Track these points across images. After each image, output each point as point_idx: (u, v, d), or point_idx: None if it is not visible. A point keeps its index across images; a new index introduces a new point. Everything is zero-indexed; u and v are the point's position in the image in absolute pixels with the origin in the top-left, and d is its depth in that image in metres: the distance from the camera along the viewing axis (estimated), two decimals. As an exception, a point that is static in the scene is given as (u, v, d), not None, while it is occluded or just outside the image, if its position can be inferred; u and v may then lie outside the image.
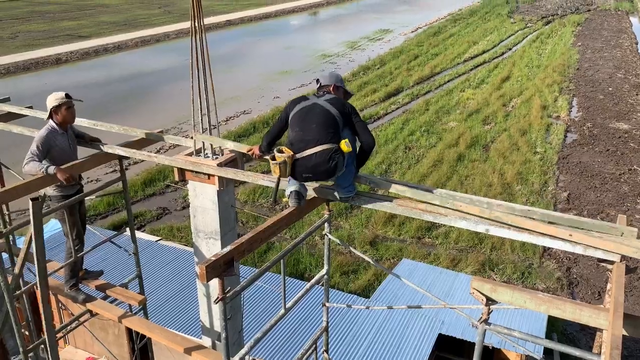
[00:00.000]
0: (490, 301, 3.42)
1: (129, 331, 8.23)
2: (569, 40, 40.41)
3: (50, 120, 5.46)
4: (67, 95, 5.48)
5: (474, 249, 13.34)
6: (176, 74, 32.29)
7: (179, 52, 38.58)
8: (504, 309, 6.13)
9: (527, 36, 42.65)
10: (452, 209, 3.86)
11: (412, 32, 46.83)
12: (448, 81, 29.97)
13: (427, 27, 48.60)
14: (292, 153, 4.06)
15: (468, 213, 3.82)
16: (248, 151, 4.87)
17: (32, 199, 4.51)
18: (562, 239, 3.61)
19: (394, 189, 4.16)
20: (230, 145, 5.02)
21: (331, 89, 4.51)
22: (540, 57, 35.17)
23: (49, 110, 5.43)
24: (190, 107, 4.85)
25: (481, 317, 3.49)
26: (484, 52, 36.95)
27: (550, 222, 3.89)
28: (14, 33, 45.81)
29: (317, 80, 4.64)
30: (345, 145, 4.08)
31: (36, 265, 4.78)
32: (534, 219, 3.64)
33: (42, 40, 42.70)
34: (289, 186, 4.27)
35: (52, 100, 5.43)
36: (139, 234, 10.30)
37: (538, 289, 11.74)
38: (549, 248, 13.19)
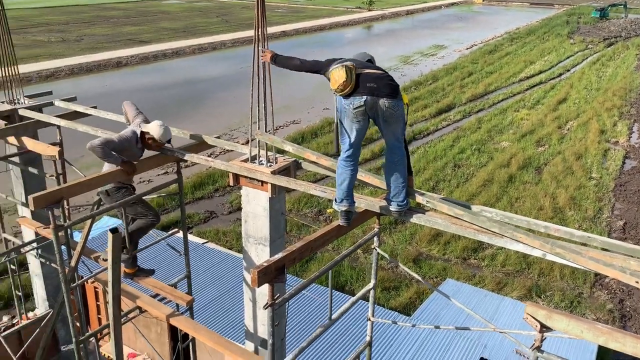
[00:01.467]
0: (544, 328, 3.32)
1: (171, 330, 8.38)
2: (632, 64, 39.01)
3: (139, 132, 5.63)
4: (168, 141, 5.73)
5: (521, 273, 12.97)
6: (230, 81, 33.03)
7: (234, 60, 39.47)
8: (555, 337, 5.92)
9: (587, 58, 41.46)
10: (511, 239, 3.77)
11: (467, 49, 46.30)
12: (502, 100, 29.44)
13: (483, 45, 47.97)
14: (354, 65, 4.01)
15: (527, 245, 3.72)
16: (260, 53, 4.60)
17: (111, 230, 4.60)
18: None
19: (452, 212, 4.07)
20: (288, 147, 5.07)
21: None
22: (600, 79, 34.08)
23: (148, 129, 5.56)
24: (241, 114, 4.91)
25: (534, 344, 3.39)
26: (540, 72, 36.14)
27: (604, 249, 3.75)
28: (80, 36, 48.01)
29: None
30: (406, 96, 4.12)
31: (110, 289, 4.97)
32: (597, 260, 3.49)
33: (105, 43, 44.55)
34: (340, 204, 4.23)
35: (159, 132, 5.54)
36: (187, 236, 10.49)
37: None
38: (601, 278, 12.68)
